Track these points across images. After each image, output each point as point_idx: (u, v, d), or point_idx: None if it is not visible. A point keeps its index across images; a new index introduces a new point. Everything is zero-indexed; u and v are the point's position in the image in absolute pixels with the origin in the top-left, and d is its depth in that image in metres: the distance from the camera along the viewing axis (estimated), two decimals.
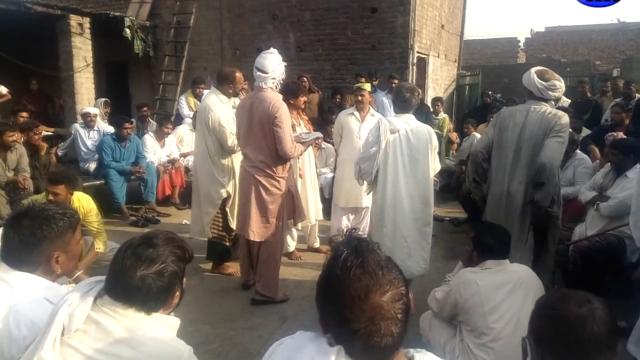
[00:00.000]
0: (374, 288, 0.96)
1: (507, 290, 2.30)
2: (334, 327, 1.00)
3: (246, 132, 3.53)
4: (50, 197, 3.52)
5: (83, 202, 3.65)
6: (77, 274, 2.71)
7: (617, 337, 1.24)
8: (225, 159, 3.96)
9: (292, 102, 4.02)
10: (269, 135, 3.41)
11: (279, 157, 3.48)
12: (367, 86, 4.85)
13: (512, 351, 2.09)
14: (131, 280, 1.31)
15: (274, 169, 3.50)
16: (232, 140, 3.85)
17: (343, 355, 0.97)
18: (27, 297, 1.49)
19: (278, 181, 3.53)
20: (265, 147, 3.45)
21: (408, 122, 3.41)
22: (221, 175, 3.97)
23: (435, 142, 3.55)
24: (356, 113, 4.68)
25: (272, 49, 3.55)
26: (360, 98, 4.62)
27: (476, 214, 5.50)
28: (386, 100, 7.29)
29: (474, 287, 2.33)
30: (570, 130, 5.55)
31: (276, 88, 3.54)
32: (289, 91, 4.03)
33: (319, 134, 4.26)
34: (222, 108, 3.89)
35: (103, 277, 1.37)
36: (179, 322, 1.42)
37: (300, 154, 3.82)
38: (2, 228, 1.66)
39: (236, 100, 4.21)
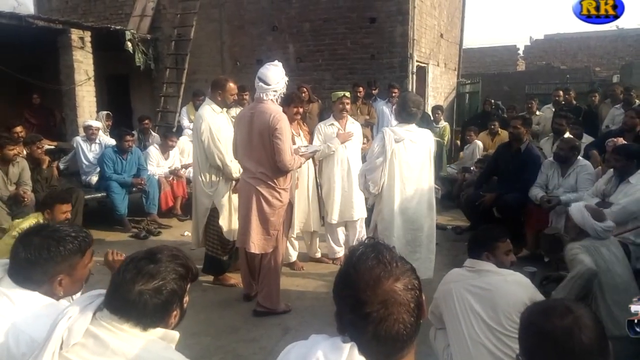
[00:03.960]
0: (387, 275, 1.03)
1: (478, 294, 2.19)
2: (348, 313, 1.04)
3: (246, 144, 3.50)
4: (64, 216, 3.40)
5: None
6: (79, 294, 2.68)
7: (607, 341, 1.21)
8: (212, 170, 3.92)
9: (284, 110, 3.98)
10: (268, 147, 3.38)
11: (280, 168, 3.47)
12: (348, 93, 4.82)
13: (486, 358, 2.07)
14: (128, 294, 1.29)
15: (275, 180, 3.47)
16: (217, 151, 3.80)
17: (356, 351, 1.00)
18: (28, 314, 1.48)
19: (279, 193, 3.50)
20: (265, 158, 3.43)
21: (411, 129, 3.51)
22: (208, 186, 3.94)
23: (432, 148, 3.65)
24: (336, 123, 4.57)
25: (276, 61, 3.51)
26: (346, 106, 4.57)
27: (478, 222, 5.49)
28: (386, 109, 7.31)
29: (448, 287, 2.29)
30: (571, 136, 5.59)
31: (277, 101, 3.51)
32: (282, 99, 3.93)
33: (318, 148, 4.20)
34: (213, 117, 3.87)
35: (104, 291, 1.36)
36: (177, 335, 1.40)
37: (299, 167, 3.79)
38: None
39: (237, 111, 4.19)
